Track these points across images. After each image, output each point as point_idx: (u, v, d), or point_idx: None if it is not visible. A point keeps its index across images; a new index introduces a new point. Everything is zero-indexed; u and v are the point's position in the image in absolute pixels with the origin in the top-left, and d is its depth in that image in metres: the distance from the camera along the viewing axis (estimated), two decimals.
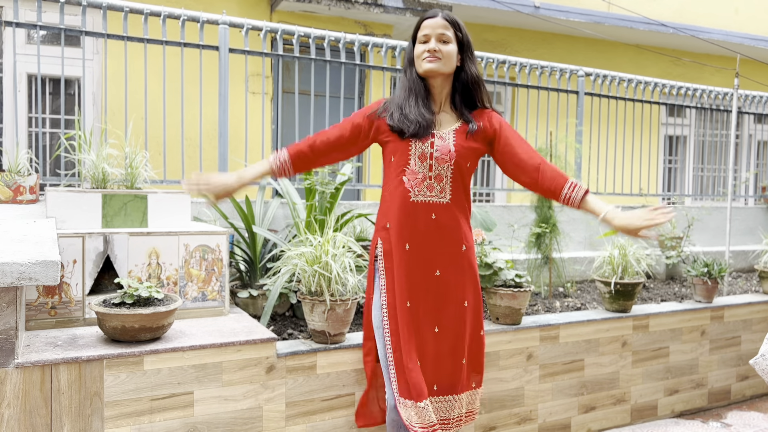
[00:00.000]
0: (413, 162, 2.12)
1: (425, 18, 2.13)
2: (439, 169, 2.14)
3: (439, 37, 2.10)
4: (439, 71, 2.12)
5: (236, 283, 3.12)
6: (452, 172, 2.16)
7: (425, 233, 2.14)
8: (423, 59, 2.11)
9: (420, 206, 2.13)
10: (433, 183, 2.14)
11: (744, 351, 3.76)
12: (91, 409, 2.00)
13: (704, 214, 5.34)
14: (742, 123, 7.21)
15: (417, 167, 2.12)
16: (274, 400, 2.32)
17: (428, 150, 2.12)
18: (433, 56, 2.10)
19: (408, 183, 2.13)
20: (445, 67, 2.12)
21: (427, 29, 2.12)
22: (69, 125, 4.65)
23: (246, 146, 3.92)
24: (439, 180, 2.14)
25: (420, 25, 2.14)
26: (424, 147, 2.12)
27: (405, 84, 2.19)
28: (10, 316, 1.85)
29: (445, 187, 2.16)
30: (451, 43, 2.12)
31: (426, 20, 2.13)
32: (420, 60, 2.13)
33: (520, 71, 4.79)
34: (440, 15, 2.12)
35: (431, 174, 2.13)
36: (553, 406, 3.03)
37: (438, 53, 2.09)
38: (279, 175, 2.20)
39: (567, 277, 4.07)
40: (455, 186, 2.18)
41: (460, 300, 2.21)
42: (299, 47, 4.13)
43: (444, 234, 2.16)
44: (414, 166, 2.12)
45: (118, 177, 2.73)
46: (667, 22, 7.06)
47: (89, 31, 3.48)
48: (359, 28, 5.92)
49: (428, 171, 2.13)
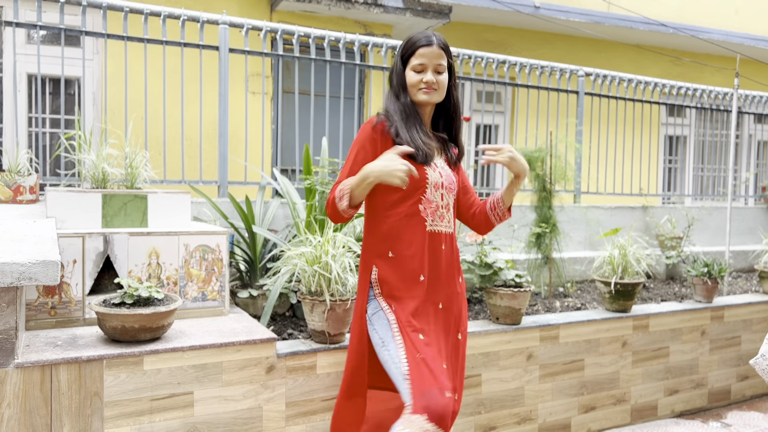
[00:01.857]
0: (429, 191, 2.06)
1: (420, 45, 2.03)
2: (448, 199, 2.12)
3: (435, 67, 2.03)
4: (435, 102, 2.09)
5: (236, 283, 3.12)
6: (454, 202, 2.18)
7: (434, 264, 2.08)
8: (419, 90, 2.04)
9: (435, 236, 2.08)
10: (443, 212, 2.11)
11: (744, 351, 3.76)
12: (91, 409, 2.00)
13: (704, 214, 5.34)
14: (742, 123, 7.21)
15: (432, 196, 2.07)
16: (274, 400, 2.32)
17: (439, 179, 2.09)
18: (430, 88, 2.03)
19: (424, 212, 2.06)
20: (440, 97, 2.08)
21: (423, 59, 2.02)
22: (69, 125, 4.65)
23: (246, 146, 3.92)
24: (447, 209, 2.12)
25: (414, 52, 2.04)
26: (436, 176, 2.08)
27: (400, 109, 2.08)
28: (10, 316, 1.85)
29: (451, 217, 2.15)
30: (444, 72, 2.06)
31: (422, 48, 2.03)
32: (415, 90, 2.05)
33: (520, 71, 4.79)
34: (435, 43, 2.03)
35: (442, 203, 2.10)
36: (553, 406, 3.03)
37: (435, 85, 2.03)
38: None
39: (567, 277, 4.07)
40: (453, 215, 2.19)
41: (456, 332, 2.16)
42: (299, 47, 4.14)
43: (450, 265, 2.13)
44: (429, 195, 2.06)
45: (118, 177, 2.73)
46: (667, 22, 7.06)
47: (89, 31, 3.48)
48: (359, 28, 5.92)
49: (440, 200, 2.09)
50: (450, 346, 2.13)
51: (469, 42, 6.68)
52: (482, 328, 2.83)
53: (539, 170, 3.76)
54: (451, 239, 2.15)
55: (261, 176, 3.71)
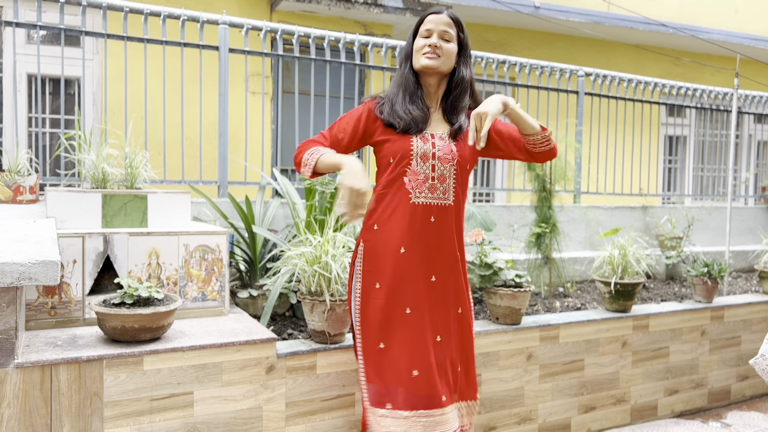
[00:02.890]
0: (415, 162, 2.07)
1: (430, 13, 2.10)
2: (442, 170, 2.09)
3: (441, 33, 2.06)
4: (437, 69, 2.08)
5: (236, 283, 3.12)
6: (455, 173, 2.12)
7: (423, 236, 2.08)
8: (423, 53, 2.06)
9: (419, 208, 2.07)
10: (435, 184, 2.08)
11: (744, 351, 3.76)
12: (91, 409, 2.00)
13: (704, 214, 5.34)
14: (742, 123, 7.21)
15: (419, 168, 2.06)
16: (274, 400, 2.32)
17: (430, 150, 2.07)
18: (434, 52, 2.05)
19: (409, 184, 2.07)
20: (444, 65, 2.08)
21: (430, 24, 2.07)
22: (69, 125, 4.65)
23: (246, 146, 3.92)
24: (442, 181, 2.09)
25: (423, 20, 2.10)
26: (426, 147, 2.07)
27: (397, 80, 2.15)
28: (10, 316, 1.85)
29: (448, 189, 2.11)
30: (452, 42, 2.09)
31: (430, 15, 2.09)
32: (419, 54, 2.08)
33: (520, 71, 4.79)
34: (445, 12, 2.09)
35: (434, 175, 2.08)
36: (553, 406, 3.03)
37: (439, 50, 2.05)
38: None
39: (567, 277, 4.07)
40: (458, 188, 2.13)
41: (456, 307, 2.17)
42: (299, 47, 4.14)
43: (442, 238, 2.11)
44: (415, 166, 2.06)
45: (118, 177, 2.73)
46: (667, 22, 7.06)
47: (89, 31, 3.48)
48: (359, 28, 5.92)
49: (431, 171, 2.07)
50: (448, 321, 2.14)
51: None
52: (482, 328, 2.83)
53: (539, 170, 3.76)
54: (446, 211, 2.11)
55: (261, 176, 3.71)
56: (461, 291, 2.19)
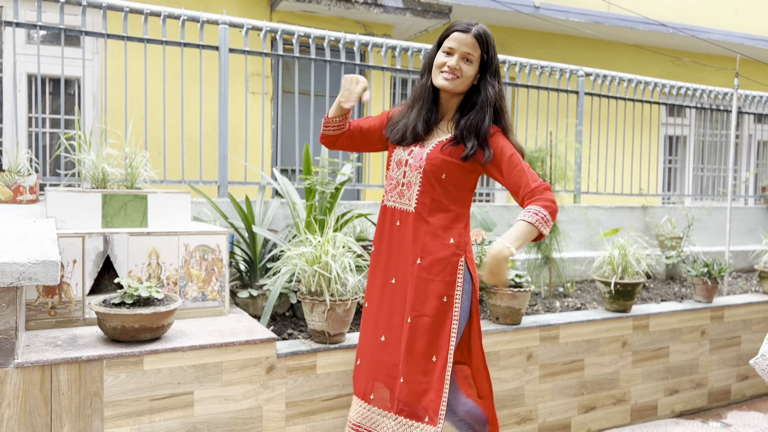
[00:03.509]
0: (392, 167, 2.16)
1: (456, 30, 2.02)
2: (410, 177, 2.08)
3: (463, 54, 2.01)
4: (453, 91, 2.06)
5: (236, 283, 3.12)
6: (421, 181, 2.05)
7: (389, 239, 2.15)
8: (441, 72, 2.03)
9: (388, 211, 2.15)
10: (403, 190, 2.11)
11: (744, 351, 3.76)
12: (91, 409, 2.00)
13: (704, 214, 5.34)
14: (742, 123, 7.21)
15: (393, 173, 2.14)
16: (274, 400, 2.32)
17: (405, 157, 2.11)
18: (452, 73, 2.01)
19: (385, 187, 2.19)
20: (460, 86, 2.04)
21: (453, 42, 2.01)
22: (69, 125, 4.65)
23: (246, 146, 3.92)
24: (409, 187, 2.09)
25: (449, 35, 2.04)
26: (402, 154, 2.12)
27: (416, 91, 2.15)
28: (10, 316, 1.85)
29: (412, 196, 2.07)
30: (475, 63, 2.03)
31: (456, 32, 2.02)
32: (437, 71, 2.04)
33: (520, 71, 4.79)
34: (473, 30, 2.01)
35: (404, 181, 2.11)
36: (553, 406, 3.03)
37: (458, 71, 2.01)
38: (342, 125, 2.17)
39: (567, 277, 4.07)
40: (423, 195, 2.06)
41: (410, 313, 2.05)
42: (299, 47, 4.13)
43: (402, 243, 2.09)
44: (392, 171, 2.16)
45: (118, 177, 2.73)
46: (667, 22, 7.06)
47: (89, 31, 3.48)
48: (359, 28, 5.92)
49: (402, 177, 2.11)
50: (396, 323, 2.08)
51: None
52: (482, 328, 2.83)
53: (539, 170, 3.76)
54: (409, 218, 2.07)
55: (261, 176, 3.71)
56: (423, 300, 2.05)
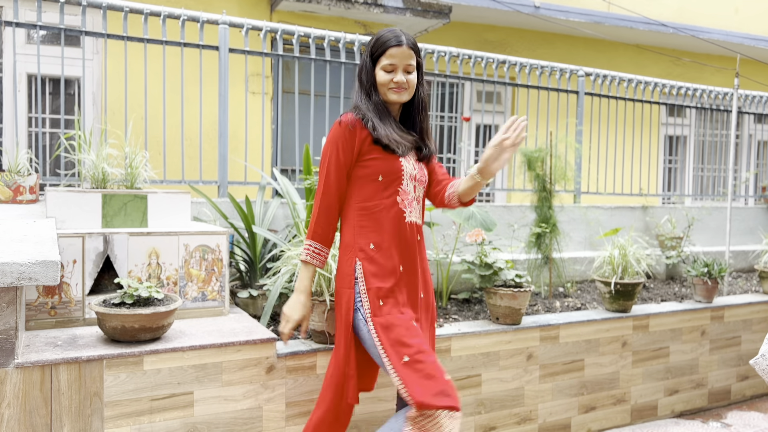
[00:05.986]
0: (405, 182, 2.11)
1: (391, 45, 2.04)
2: (420, 191, 2.19)
3: (405, 67, 2.06)
4: (404, 101, 2.12)
5: (236, 283, 3.12)
6: (423, 194, 2.24)
7: (414, 254, 2.14)
8: (389, 89, 2.07)
9: (412, 227, 2.14)
10: (415, 204, 2.16)
11: (744, 351, 3.76)
12: (91, 409, 2.00)
13: (704, 214, 5.34)
14: (742, 123, 7.21)
15: (407, 187, 2.12)
16: (274, 400, 2.32)
17: (414, 171, 2.14)
18: (400, 88, 2.07)
19: (402, 203, 2.09)
20: (409, 96, 2.11)
21: (393, 59, 2.04)
22: (69, 125, 4.65)
23: (246, 146, 3.92)
24: (418, 201, 2.19)
25: (384, 51, 2.05)
26: (410, 168, 2.13)
27: (373, 107, 2.10)
28: (10, 316, 1.85)
29: (421, 210, 2.22)
30: (414, 71, 2.09)
31: (392, 48, 2.04)
32: (385, 89, 2.08)
33: (520, 71, 4.79)
34: (405, 43, 2.05)
35: (415, 195, 2.16)
36: (553, 406, 3.03)
37: (405, 84, 2.06)
38: (322, 265, 2.14)
39: (567, 277, 4.07)
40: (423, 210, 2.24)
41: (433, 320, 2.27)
42: (299, 47, 4.13)
43: (422, 256, 2.21)
44: (405, 186, 2.11)
45: (118, 177, 2.73)
46: (667, 22, 7.06)
47: (89, 31, 3.48)
48: (359, 28, 5.92)
49: (413, 192, 2.15)
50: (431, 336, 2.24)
51: (469, 42, 6.68)
52: (482, 328, 2.83)
53: (539, 170, 3.76)
54: (422, 231, 2.22)
55: (261, 176, 3.71)
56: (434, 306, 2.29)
